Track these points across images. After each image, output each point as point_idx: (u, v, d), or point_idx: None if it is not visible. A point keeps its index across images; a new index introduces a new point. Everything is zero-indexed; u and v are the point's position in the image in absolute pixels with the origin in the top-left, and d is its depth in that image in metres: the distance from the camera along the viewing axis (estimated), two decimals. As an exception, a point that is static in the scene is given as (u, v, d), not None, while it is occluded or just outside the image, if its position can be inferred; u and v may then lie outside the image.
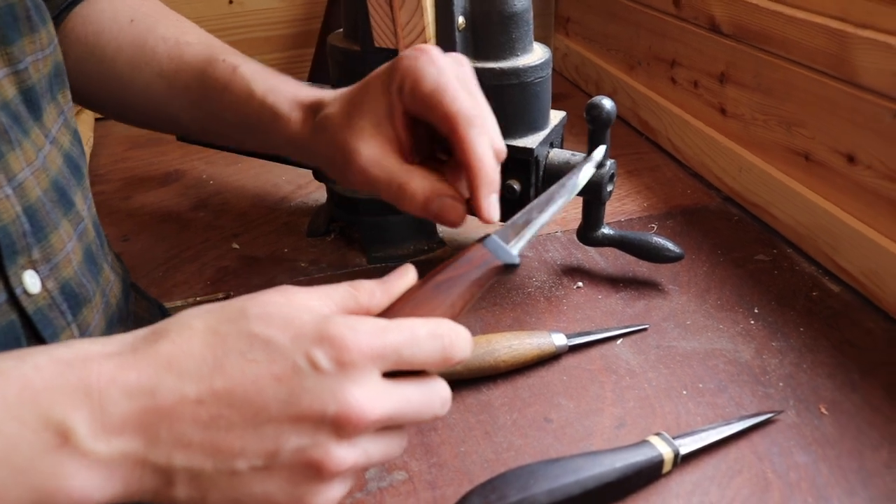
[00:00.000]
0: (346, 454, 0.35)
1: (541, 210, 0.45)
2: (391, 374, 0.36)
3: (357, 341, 0.35)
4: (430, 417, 0.38)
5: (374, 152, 0.47)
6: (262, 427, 0.34)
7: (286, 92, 0.54)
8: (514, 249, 0.42)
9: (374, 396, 0.35)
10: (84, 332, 0.47)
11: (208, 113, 0.59)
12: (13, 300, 0.42)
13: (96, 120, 1.08)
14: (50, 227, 0.45)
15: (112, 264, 0.55)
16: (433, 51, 0.47)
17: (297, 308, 0.36)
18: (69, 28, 0.60)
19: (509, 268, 0.41)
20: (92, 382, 0.33)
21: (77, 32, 0.60)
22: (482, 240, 0.42)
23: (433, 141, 0.50)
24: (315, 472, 0.34)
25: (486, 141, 0.45)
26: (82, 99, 0.63)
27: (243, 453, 0.34)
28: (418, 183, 0.46)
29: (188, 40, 0.61)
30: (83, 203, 0.51)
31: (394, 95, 0.47)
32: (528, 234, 0.44)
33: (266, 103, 0.54)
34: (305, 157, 0.55)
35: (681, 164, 0.92)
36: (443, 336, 0.37)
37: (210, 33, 0.64)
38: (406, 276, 0.41)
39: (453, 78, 0.46)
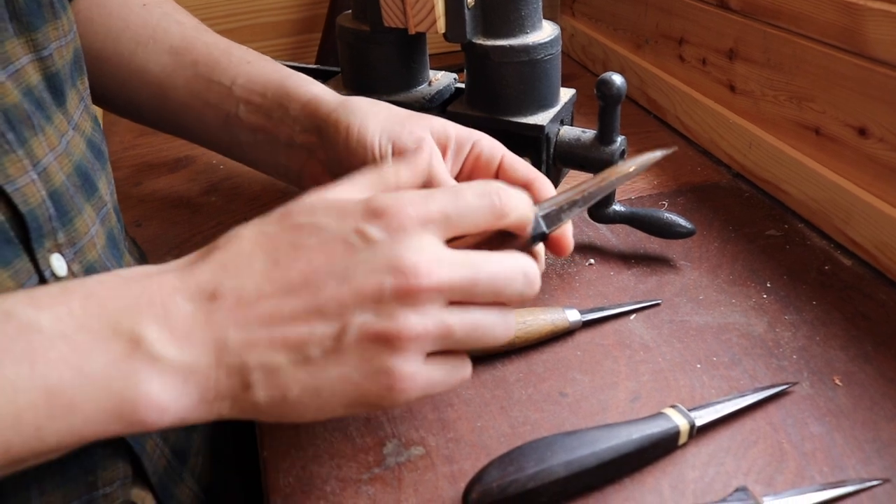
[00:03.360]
0: (415, 321, 0.34)
1: (583, 196, 0.45)
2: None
3: (404, 207, 0.35)
4: (511, 294, 0.37)
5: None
6: (325, 309, 0.34)
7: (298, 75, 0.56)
8: (544, 223, 0.43)
9: (433, 259, 0.35)
10: None
11: (215, 83, 0.58)
12: (42, 283, 0.42)
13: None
14: (74, 211, 0.46)
15: (130, 249, 0.56)
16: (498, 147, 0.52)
17: (333, 196, 0.37)
18: (75, 11, 0.60)
19: (536, 238, 0.42)
20: (154, 293, 0.34)
21: (83, 15, 0.60)
22: None
23: None
24: (386, 343, 0.34)
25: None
26: None
27: (311, 339, 0.34)
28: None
29: (207, 29, 0.61)
30: (106, 188, 0.52)
31: (463, 147, 0.51)
32: (564, 216, 0.45)
33: (292, 77, 0.56)
34: (313, 132, 0.55)
35: (690, 142, 0.92)
36: (490, 193, 0.37)
37: (217, 19, 0.64)
38: (423, 156, 0.43)
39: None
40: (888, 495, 0.46)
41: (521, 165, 0.51)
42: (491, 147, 0.52)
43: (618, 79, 0.62)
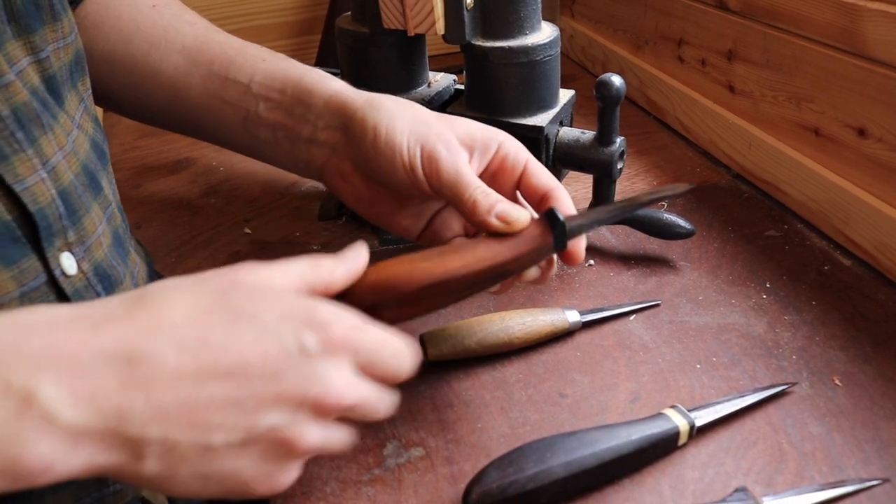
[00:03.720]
0: (317, 435, 0.36)
1: (606, 213, 0.50)
2: None
3: (344, 330, 0.36)
4: (375, 417, 0.39)
5: (461, 157, 0.50)
6: (244, 403, 0.34)
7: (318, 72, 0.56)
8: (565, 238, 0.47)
9: (350, 384, 0.36)
10: None
11: (231, 82, 0.57)
12: (52, 281, 0.43)
13: (105, 111, 1.09)
14: (82, 210, 0.46)
15: (136, 248, 0.56)
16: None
17: (273, 286, 0.37)
18: (83, 14, 0.60)
19: (556, 250, 0.47)
20: (62, 346, 0.31)
21: (92, 18, 0.60)
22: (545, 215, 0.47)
23: None
24: (287, 449, 0.35)
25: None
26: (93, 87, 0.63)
27: (222, 427, 0.33)
28: (492, 195, 0.48)
29: (218, 29, 0.61)
30: (109, 187, 0.52)
31: (489, 149, 0.51)
32: (586, 226, 0.48)
33: (309, 73, 0.55)
34: (338, 129, 0.54)
35: (690, 143, 0.92)
36: (400, 356, 0.39)
37: (217, 21, 0.63)
38: (360, 255, 0.43)
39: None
40: (888, 495, 0.46)
41: (543, 173, 0.51)
42: (516, 151, 0.51)
43: (616, 80, 0.62)
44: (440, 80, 0.74)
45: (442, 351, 0.56)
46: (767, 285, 0.65)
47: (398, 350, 0.39)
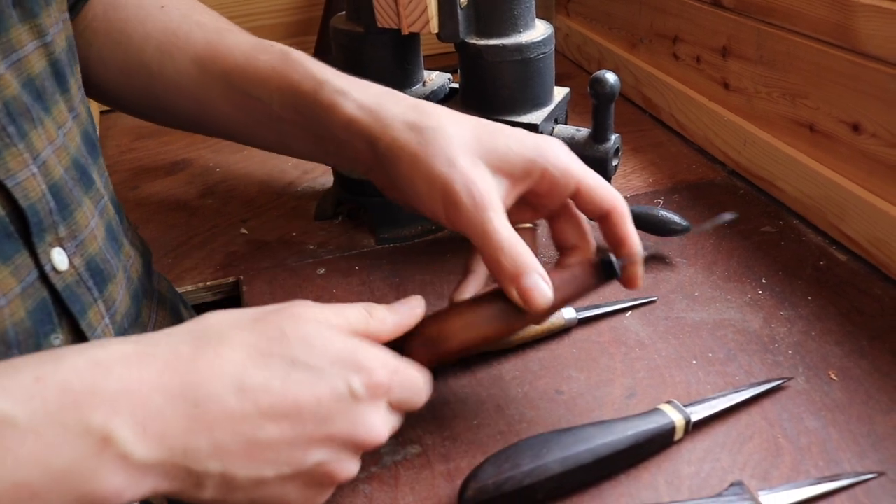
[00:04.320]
0: (354, 467, 0.40)
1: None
2: None
3: (387, 375, 0.40)
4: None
5: (500, 205, 0.46)
6: (297, 442, 0.37)
7: (350, 77, 0.52)
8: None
9: (385, 423, 0.41)
10: (110, 308, 0.48)
11: (250, 103, 0.55)
12: (43, 277, 0.43)
13: (102, 112, 1.09)
14: (74, 204, 0.46)
15: (132, 241, 0.56)
16: (585, 166, 0.49)
17: (326, 329, 0.40)
18: (91, 16, 0.58)
19: (606, 266, 0.47)
20: (134, 389, 0.34)
21: (100, 21, 0.58)
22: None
23: None
24: (329, 480, 0.39)
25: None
26: (105, 95, 0.61)
27: (275, 463, 0.37)
28: (530, 255, 0.45)
29: (229, 26, 0.59)
30: (101, 180, 0.52)
31: (533, 173, 0.48)
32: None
33: (327, 83, 0.51)
34: (364, 150, 0.51)
35: (685, 140, 0.92)
36: (424, 390, 0.43)
37: None
38: (416, 308, 0.46)
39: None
40: (883, 488, 0.46)
41: (599, 193, 0.48)
42: (564, 173, 0.48)
43: (611, 77, 0.62)
44: (435, 79, 0.74)
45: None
46: (763, 281, 0.65)
47: (422, 386, 0.43)
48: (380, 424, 0.40)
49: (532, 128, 0.65)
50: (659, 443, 0.49)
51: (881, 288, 0.64)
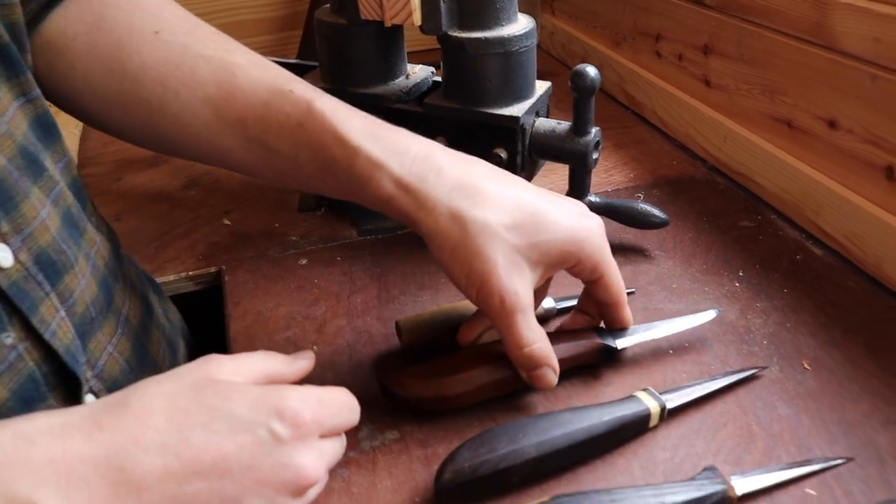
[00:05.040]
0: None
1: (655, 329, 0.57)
2: None
3: (310, 413, 0.40)
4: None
5: (531, 305, 0.49)
6: (226, 492, 0.37)
7: (381, 134, 0.50)
8: (619, 342, 0.55)
9: (319, 459, 0.40)
10: (66, 301, 0.46)
11: (271, 154, 0.53)
12: None
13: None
14: (19, 196, 0.44)
15: (97, 225, 0.54)
16: (601, 230, 0.52)
17: (240, 380, 0.41)
18: (71, 35, 0.53)
19: (609, 351, 0.55)
20: (59, 460, 0.34)
21: (82, 43, 0.53)
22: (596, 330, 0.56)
23: None
24: None
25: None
26: (101, 125, 0.57)
27: None
28: (549, 352, 0.50)
29: (236, 61, 0.54)
30: (55, 166, 0.49)
31: (566, 265, 0.51)
32: (637, 337, 0.56)
33: (361, 151, 0.49)
34: (400, 220, 0.51)
35: (667, 137, 0.93)
36: (354, 409, 0.44)
37: (198, 17, 0.57)
38: (308, 359, 0.48)
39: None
40: (851, 473, 0.47)
41: (611, 289, 0.53)
42: (592, 268, 0.52)
43: (591, 70, 0.63)
44: (418, 72, 0.74)
45: (417, 337, 0.57)
46: (740, 274, 0.66)
47: (351, 405, 0.44)
48: (310, 461, 0.39)
49: (513, 120, 0.65)
50: (634, 429, 0.50)
51: (855, 282, 0.65)
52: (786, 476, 0.46)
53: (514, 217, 0.49)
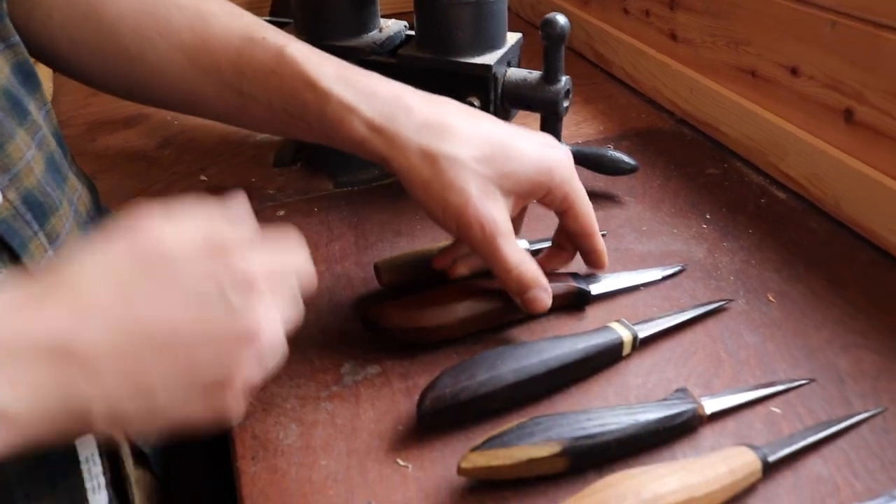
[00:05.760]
0: (256, 371, 0.37)
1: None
2: None
3: (261, 274, 0.37)
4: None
5: (510, 229, 0.51)
6: (183, 364, 0.35)
7: (353, 78, 0.51)
8: (593, 287, 0.58)
9: (273, 318, 0.37)
10: (53, 242, 0.47)
11: (245, 100, 0.54)
12: None
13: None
14: (5, 136, 0.44)
15: (77, 174, 0.55)
16: (570, 160, 0.54)
17: (185, 243, 0.37)
18: None
19: (584, 295, 0.57)
20: (2, 344, 0.32)
21: None
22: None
23: None
24: (228, 383, 0.36)
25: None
26: (79, 73, 0.58)
27: (165, 388, 0.35)
28: (537, 272, 0.51)
29: (210, 9, 0.55)
30: (39, 112, 0.50)
31: (537, 193, 0.53)
32: (609, 283, 0.59)
33: (332, 94, 0.50)
34: (375, 160, 0.52)
35: (635, 91, 0.95)
36: (309, 270, 0.42)
37: None
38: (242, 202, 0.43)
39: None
40: (813, 392, 0.49)
41: (581, 220, 0.55)
42: (563, 197, 0.53)
43: (561, 18, 0.64)
44: (391, 26, 0.75)
45: (396, 277, 0.58)
46: (707, 217, 0.68)
47: (304, 265, 0.41)
48: (265, 322, 0.36)
49: (486, 69, 0.67)
50: (608, 357, 0.52)
51: (817, 222, 0.67)
52: (752, 396, 0.49)
53: (484, 150, 0.50)
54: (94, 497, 0.47)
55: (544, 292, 0.51)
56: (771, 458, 0.43)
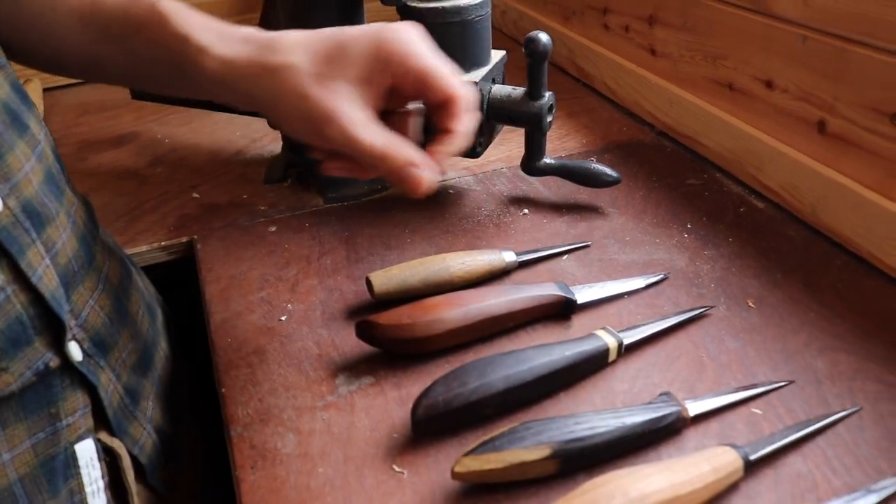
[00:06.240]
0: None
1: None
2: None
3: None
4: None
5: (361, 116, 0.48)
6: None
7: (211, 27, 0.52)
8: (579, 296, 0.59)
9: None
10: (50, 250, 0.48)
11: (130, 56, 0.54)
12: None
13: (45, 90, 1.09)
14: (5, 147, 0.46)
15: (74, 190, 0.56)
16: (412, 29, 0.51)
17: None
18: None
19: (569, 304, 0.58)
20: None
21: None
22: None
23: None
24: None
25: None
26: (9, 51, 0.56)
27: None
28: (403, 150, 0.48)
29: None
30: (38, 126, 0.51)
31: (380, 68, 0.49)
32: (595, 291, 0.61)
33: (189, 39, 0.51)
34: (244, 104, 0.53)
35: (616, 105, 0.97)
36: None
37: None
38: None
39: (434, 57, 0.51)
40: (792, 393, 0.51)
41: (439, 83, 0.50)
42: (403, 61, 0.49)
43: (543, 36, 0.66)
44: (378, 45, 0.77)
45: (387, 290, 0.59)
46: (689, 226, 0.70)
47: None
48: None
49: (471, 85, 0.68)
50: (595, 363, 0.53)
51: (794, 230, 0.69)
52: (734, 398, 0.51)
53: (316, 49, 0.50)
54: (93, 501, 0.48)
55: (415, 168, 0.48)
56: (752, 457, 0.45)
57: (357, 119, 0.48)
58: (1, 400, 0.43)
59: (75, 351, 0.48)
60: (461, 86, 0.50)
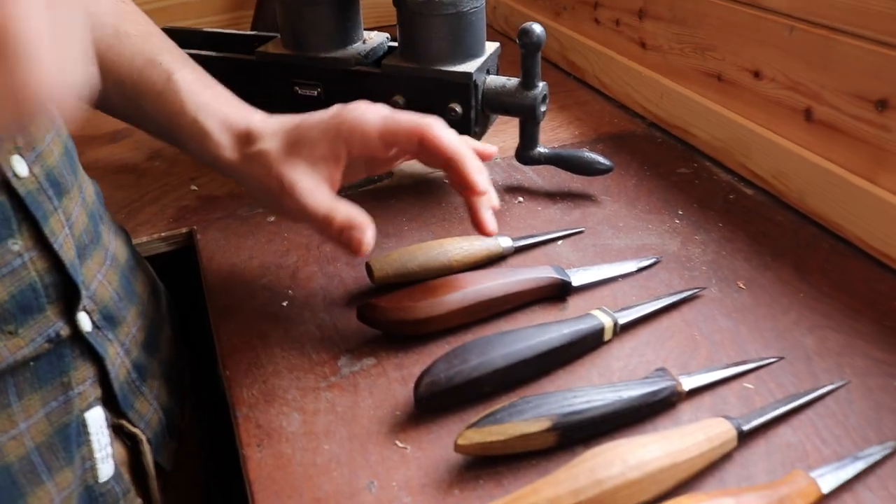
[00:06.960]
0: None
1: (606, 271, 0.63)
2: None
3: None
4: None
5: (312, 185, 0.53)
6: None
7: (217, 113, 0.58)
8: (574, 279, 0.61)
9: None
10: (69, 220, 0.50)
11: (142, 115, 0.61)
12: (5, 182, 0.44)
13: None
14: None
15: (83, 170, 0.58)
16: (364, 105, 0.55)
17: None
18: None
19: (565, 286, 0.60)
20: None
21: None
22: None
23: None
24: None
25: (478, 167, 0.54)
26: None
27: None
28: (344, 213, 0.52)
29: (127, 30, 0.62)
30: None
31: (337, 145, 0.54)
32: (590, 274, 0.62)
33: (197, 121, 0.58)
34: (233, 178, 0.59)
35: (607, 98, 0.99)
36: None
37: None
38: None
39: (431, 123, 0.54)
40: (782, 369, 0.53)
41: (445, 144, 0.54)
42: (363, 137, 0.54)
43: (537, 28, 0.68)
44: (374, 38, 0.78)
45: (387, 274, 0.61)
46: (680, 213, 0.72)
47: None
48: None
49: (466, 76, 0.70)
50: (591, 342, 0.55)
51: (783, 215, 0.71)
52: (727, 373, 0.52)
53: (280, 136, 0.55)
54: (103, 466, 0.51)
55: (357, 231, 0.52)
56: (745, 428, 0.46)
57: (308, 188, 0.53)
58: (16, 369, 0.45)
59: (85, 321, 0.49)
60: (447, 137, 0.54)
